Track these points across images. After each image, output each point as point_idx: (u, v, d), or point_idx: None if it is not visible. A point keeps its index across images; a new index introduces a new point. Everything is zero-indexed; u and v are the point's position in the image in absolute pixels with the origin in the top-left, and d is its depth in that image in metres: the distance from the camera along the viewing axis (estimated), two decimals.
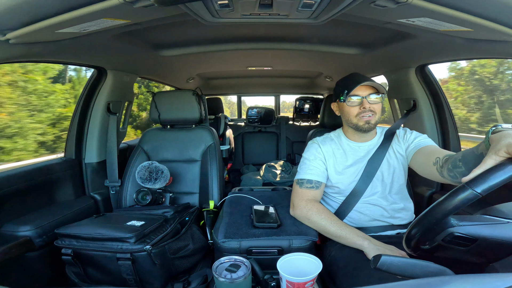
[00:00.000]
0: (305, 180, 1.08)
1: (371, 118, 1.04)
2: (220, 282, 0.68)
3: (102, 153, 1.56)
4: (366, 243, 0.91)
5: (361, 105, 1.04)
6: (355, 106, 1.05)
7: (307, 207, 1.03)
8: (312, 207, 1.02)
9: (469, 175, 0.55)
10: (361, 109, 1.03)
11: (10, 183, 1.10)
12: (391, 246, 0.91)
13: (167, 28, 1.20)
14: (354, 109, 1.05)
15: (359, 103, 1.04)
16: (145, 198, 1.30)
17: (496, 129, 0.64)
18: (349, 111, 1.06)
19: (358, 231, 0.97)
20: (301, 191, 1.07)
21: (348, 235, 0.95)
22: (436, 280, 0.40)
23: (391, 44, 1.31)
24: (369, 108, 1.03)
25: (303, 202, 1.04)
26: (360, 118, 1.04)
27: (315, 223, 1.00)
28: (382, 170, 1.08)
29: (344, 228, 0.97)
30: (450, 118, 1.47)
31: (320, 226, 0.99)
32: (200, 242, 1.19)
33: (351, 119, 1.07)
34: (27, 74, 4.55)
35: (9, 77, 4.26)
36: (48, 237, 1.10)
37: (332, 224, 0.98)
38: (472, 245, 0.52)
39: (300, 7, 0.85)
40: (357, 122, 1.05)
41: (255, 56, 1.86)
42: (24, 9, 0.70)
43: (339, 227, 0.97)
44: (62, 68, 5.62)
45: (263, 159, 2.80)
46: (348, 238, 0.95)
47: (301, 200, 1.05)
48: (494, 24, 0.77)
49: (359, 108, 1.04)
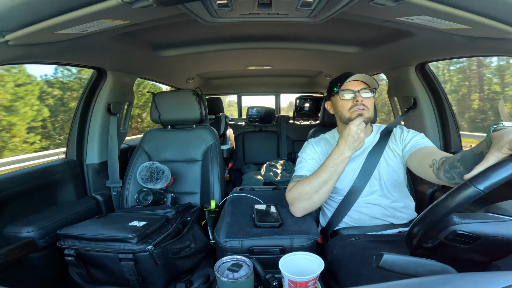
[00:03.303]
0: (297, 176, 1.09)
1: (365, 111, 1.03)
2: (222, 281, 0.68)
3: (103, 154, 1.56)
4: (346, 153, 0.95)
5: (354, 98, 1.04)
6: (348, 100, 1.05)
7: (290, 189, 1.04)
8: (294, 183, 1.03)
9: (471, 172, 0.55)
10: (354, 103, 1.04)
11: (12, 185, 1.11)
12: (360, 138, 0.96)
13: (166, 29, 1.20)
14: (347, 103, 1.05)
15: (351, 97, 1.05)
16: (146, 198, 1.30)
17: (497, 127, 0.64)
18: (343, 105, 1.07)
19: (331, 155, 0.98)
20: (291, 184, 1.07)
21: (328, 164, 0.97)
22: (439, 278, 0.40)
23: (390, 42, 1.31)
24: (361, 102, 1.03)
25: (289, 189, 1.05)
26: (353, 111, 1.04)
27: (303, 190, 0.99)
28: (380, 168, 1.08)
29: (321, 167, 0.98)
30: (451, 115, 1.47)
31: (308, 188, 0.98)
32: (202, 242, 1.19)
33: (344, 114, 1.07)
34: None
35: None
36: (51, 238, 1.11)
37: (313, 176, 0.99)
38: (474, 243, 0.52)
39: (299, 6, 0.85)
40: (350, 116, 1.05)
41: (255, 56, 1.85)
42: (23, 11, 0.70)
43: (318, 171, 0.98)
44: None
45: (264, 159, 2.80)
46: (330, 166, 0.96)
47: (288, 191, 1.06)
48: (493, 21, 0.77)
49: (352, 101, 1.04)
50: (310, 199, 0.99)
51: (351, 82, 1.05)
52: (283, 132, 2.98)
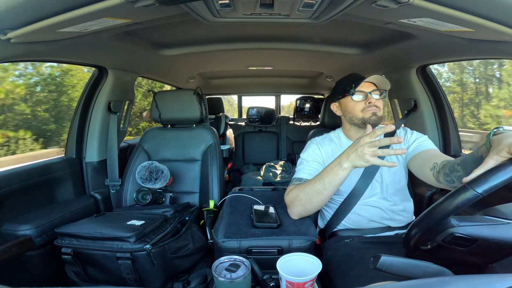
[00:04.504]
0: (297, 178, 1.07)
1: (377, 110, 1.03)
2: (219, 281, 0.68)
3: (102, 152, 1.56)
4: (344, 164, 0.86)
5: (367, 99, 1.03)
6: (360, 101, 1.05)
7: (288, 192, 1.02)
8: (293, 187, 1.01)
9: (470, 175, 0.55)
10: (367, 104, 1.03)
11: (10, 182, 1.10)
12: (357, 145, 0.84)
13: (168, 28, 1.20)
14: (360, 104, 1.05)
15: (364, 98, 1.04)
16: (145, 197, 1.30)
17: (497, 131, 0.64)
18: (354, 106, 1.06)
19: (330, 164, 0.91)
20: (290, 187, 1.06)
21: (324, 174, 0.91)
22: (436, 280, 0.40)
23: (392, 44, 1.31)
24: (374, 103, 1.03)
25: (287, 192, 1.03)
26: (366, 111, 1.03)
27: (298, 196, 0.96)
28: (382, 171, 1.07)
29: (318, 175, 0.93)
30: (451, 118, 1.47)
31: (303, 195, 0.95)
32: (200, 241, 1.19)
33: (356, 115, 1.05)
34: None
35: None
36: (48, 236, 1.10)
37: (309, 184, 0.94)
38: (472, 245, 0.52)
39: (301, 7, 0.85)
40: (363, 116, 1.04)
41: (256, 56, 1.86)
42: (25, 9, 0.70)
43: (315, 179, 0.94)
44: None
45: (263, 159, 2.80)
46: (326, 176, 0.90)
47: (286, 193, 1.04)
48: (495, 24, 0.77)
49: (365, 103, 1.04)
50: (304, 206, 0.97)
51: (363, 83, 1.04)
52: (283, 132, 2.99)
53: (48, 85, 5.61)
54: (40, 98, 5.39)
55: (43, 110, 5.30)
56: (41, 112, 5.29)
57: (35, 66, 5.16)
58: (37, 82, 5.43)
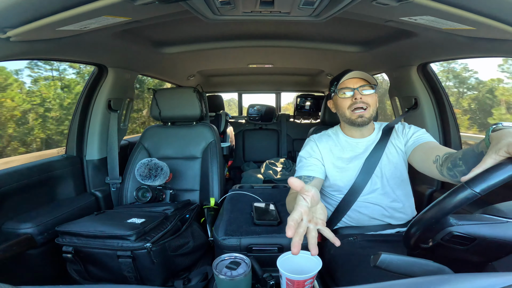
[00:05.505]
0: (297, 177, 1.07)
1: (365, 112, 1.03)
2: (220, 279, 0.69)
3: (103, 150, 1.56)
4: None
5: (353, 96, 1.03)
6: (347, 98, 1.05)
7: (288, 194, 0.97)
8: (290, 193, 0.97)
9: (468, 174, 0.55)
10: (353, 101, 1.03)
11: (11, 180, 1.11)
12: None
13: (168, 26, 1.20)
14: (346, 101, 1.05)
15: (351, 95, 1.04)
16: (145, 195, 1.30)
17: (496, 127, 0.63)
18: (342, 103, 1.06)
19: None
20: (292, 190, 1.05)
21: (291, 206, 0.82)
22: (435, 278, 0.41)
23: (392, 42, 1.30)
24: (360, 100, 1.02)
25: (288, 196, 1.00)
26: (353, 112, 1.03)
27: (288, 205, 0.91)
28: (382, 166, 1.07)
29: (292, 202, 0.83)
30: (451, 116, 1.47)
31: (289, 207, 0.89)
32: (201, 239, 1.20)
33: (344, 112, 1.06)
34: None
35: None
36: (49, 234, 1.11)
37: (289, 202, 0.89)
38: (471, 244, 0.52)
39: (301, 4, 0.84)
40: (350, 116, 1.04)
41: (256, 54, 1.85)
42: (25, 7, 0.70)
43: (291, 201, 0.86)
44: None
45: (263, 157, 2.80)
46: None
47: (288, 195, 1.02)
48: (496, 22, 0.76)
49: (351, 99, 1.04)
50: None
51: (350, 79, 1.05)
52: (283, 130, 2.99)
53: None
54: None
55: None
56: None
57: None
58: None
